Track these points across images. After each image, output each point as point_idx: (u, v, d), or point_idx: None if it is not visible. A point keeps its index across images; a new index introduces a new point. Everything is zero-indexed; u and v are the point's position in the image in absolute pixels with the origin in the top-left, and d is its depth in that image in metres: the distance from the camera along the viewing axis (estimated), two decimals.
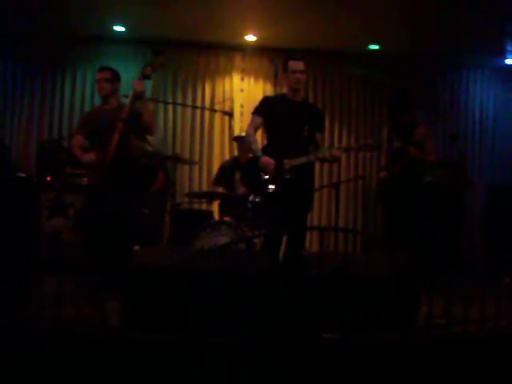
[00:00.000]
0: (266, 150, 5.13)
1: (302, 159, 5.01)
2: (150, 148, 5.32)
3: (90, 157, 5.08)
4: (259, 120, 5.23)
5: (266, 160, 4.99)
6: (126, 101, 5.20)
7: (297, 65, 5.11)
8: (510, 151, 9.03)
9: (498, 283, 4.24)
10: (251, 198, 6.14)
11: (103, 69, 5.42)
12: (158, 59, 5.19)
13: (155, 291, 3.56)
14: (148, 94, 7.41)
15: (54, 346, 3.18)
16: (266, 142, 5.37)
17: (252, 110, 5.38)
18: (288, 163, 4.99)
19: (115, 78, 5.36)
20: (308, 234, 8.16)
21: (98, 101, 6.33)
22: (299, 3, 6.77)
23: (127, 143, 5.04)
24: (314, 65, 8.60)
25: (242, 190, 6.56)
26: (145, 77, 5.15)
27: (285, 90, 5.33)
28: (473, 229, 8.68)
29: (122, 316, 3.62)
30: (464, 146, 8.83)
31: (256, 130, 5.31)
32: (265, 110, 5.24)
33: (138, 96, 5.09)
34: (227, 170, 7.00)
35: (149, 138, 5.79)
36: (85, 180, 5.85)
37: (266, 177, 4.99)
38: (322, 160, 5.27)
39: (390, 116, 7.06)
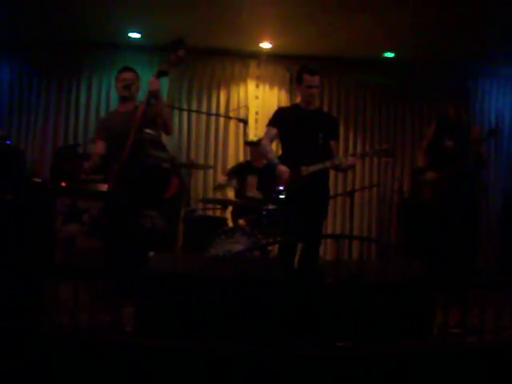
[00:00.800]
0: (281, 160, 5.17)
1: (318, 166, 5.04)
2: (165, 153, 5.23)
3: (99, 146, 5.10)
4: (274, 131, 5.27)
5: (283, 169, 5.03)
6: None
7: (312, 80, 5.12)
8: None
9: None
10: (266, 205, 6.11)
11: (128, 69, 5.26)
12: (177, 53, 4.91)
13: (170, 298, 3.56)
14: (164, 100, 7.44)
15: (69, 352, 3.18)
16: (281, 152, 5.41)
17: (267, 119, 5.43)
18: (305, 170, 5.02)
19: (138, 78, 5.24)
20: (323, 242, 8.14)
21: (113, 107, 6.35)
22: (314, 11, 6.78)
23: (142, 146, 4.91)
24: (329, 72, 8.62)
25: (253, 193, 6.50)
26: (161, 73, 4.96)
27: (298, 100, 5.39)
28: (490, 236, 8.63)
29: (137, 322, 3.63)
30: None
31: (271, 141, 5.36)
32: (279, 120, 5.27)
33: (153, 95, 4.92)
34: (242, 170, 6.96)
35: (164, 142, 5.73)
36: (104, 187, 5.80)
37: (281, 187, 5.06)
38: (337, 167, 5.24)
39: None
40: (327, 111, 6.31)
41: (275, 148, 6.33)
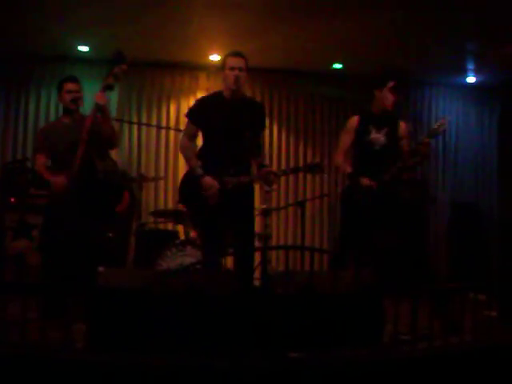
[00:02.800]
0: (202, 161, 4.66)
1: (245, 178, 4.62)
2: (114, 167, 5.16)
3: (61, 179, 4.77)
4: (194, 128, 4.77)
5: (209, 182, 4.54)
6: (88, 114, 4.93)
7: (235, 61, 4.66)
8: (471, 168, 9.18)
9: (462, 298, 4.29)
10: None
11: (73, 79, 5.07)
12: (119, 67, 4.83)
13: (120, 313, 3.54)
14: (113, 113, 7.41)
15: (18, 370, 3.14)
16: (200, 151, 4.80)
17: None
18: (230, 182, 4.57)
19: (82, 88, 5.07)
20: (274, 252, 8.16)
21: None
22: (262, 23, 6.84)
23: (92, 161, 4.81)
24: (277, 84, 8.72)
25: None
26: (107, 87, 4.84)
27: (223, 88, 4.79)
28: (437, 245, 8.77)
29: (88, 339, 3.59)
30: (427, 163, 8.94)
31: (193, 138, 4.82)
32: (199, 115, 4.72)
33: (101, 109, 4.79)
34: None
35: (114, 157, 5.66)
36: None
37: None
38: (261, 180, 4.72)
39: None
40: (251, 97, 5.66)
41: None
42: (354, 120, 5.27)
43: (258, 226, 8.03)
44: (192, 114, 4.77)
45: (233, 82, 4.60)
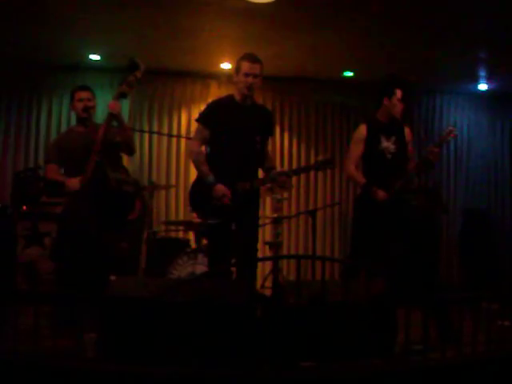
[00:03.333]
0: (212, 167, 4.58)
1: (259, 182, 4.61)
2: (127, 176, 5.13)
3: (75, 180, 4.74)
4: (206, 132, 4.67)
5: (222, 190, 4.46)
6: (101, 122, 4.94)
7: (251, 67, 4.56)
8: (483, 175, 9.15)
9: (475, 308, 4.26)
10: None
11: (84, 88, 5.11)
12: (133, 75, 4.81)
13: (131, 322, 3.54)
14: (125, 121, 7.42)
15: (30, 380, 3.14)
16: (207, 155, 4.74)
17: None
18: (241, 186, 4.52)
19: (94, 96, 5.10)
20: (285, 262, 8.17)
21: None
22: (273, 32, 6.84)
23: (104, 170, 4.72)
24: (288, 91, 8.73)
25: None
26: (121, 95, 4.83)
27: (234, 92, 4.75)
28: (450, 253, 8.74)
29: (99, 348, 3.59)
30: (439, 170, 8.92)
31: (203, 143, 4.75)
32: (212, 119, 4.65)
33: (115, 118, 4.79)
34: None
35: (125, 164, 5.64)
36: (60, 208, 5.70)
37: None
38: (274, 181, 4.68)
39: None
40: (261, 104, 5.55)
41: None
42: (363, 129, 5.21)
43: (269, 235, 8.07)
44: (204, 117, 4.72)
45: (246, 88, 4.56)
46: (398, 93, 5.11)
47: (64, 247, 4.83)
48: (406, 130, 5.33)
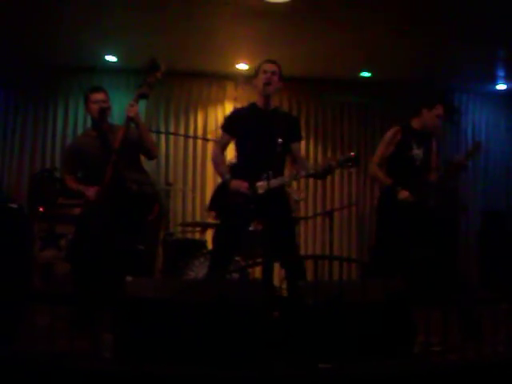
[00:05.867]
0: (234, 171, 4.71)
1: (277, 181, 4.51)
2: (147, 178, 5.09)
3: (94, 188, 4.72)
4: (226, 138, 4.82)
5: (237, 183, 4.54)
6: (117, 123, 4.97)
7: (269, 66, 4.68)
8: (502, 175, 9.07)
9: (495, 309, 4.22)
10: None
11: (99, 89, 5.03)
12: (153, 75, 4.76)
13: (148, 323, 3.52)
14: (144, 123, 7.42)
15: (46, 379, 3.14)
16: (234, 161, 4.97)
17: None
18: (261, 187, 4.49)
19: (109, 98, 5.01)
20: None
21: None
22: (290, 32, 6.82)
23: (123, 172, 4.73)
24: (305, 92, 8.69)
25: None
26: (141, 96, 4.78)
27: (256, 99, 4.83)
28: (468, 254, 8.67)
29: (114, 348, 3.58)
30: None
31: (224, 148, 4.89)
32: (233, 126, 4.79)
33: (133, 120, 4.73)
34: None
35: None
36: (77, 210, 5.69)
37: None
38: (312, 176, 4.68)
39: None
40: (287, 112, 5.70)
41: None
42: (397, 132, 5.20)
43: None
44: (226, 124, 4.87)
45: (263, 83, 4.62)
46: (439, 108, 5.12)
47: (80, 248, 4.80)
48: (434, 142, 5.35)
